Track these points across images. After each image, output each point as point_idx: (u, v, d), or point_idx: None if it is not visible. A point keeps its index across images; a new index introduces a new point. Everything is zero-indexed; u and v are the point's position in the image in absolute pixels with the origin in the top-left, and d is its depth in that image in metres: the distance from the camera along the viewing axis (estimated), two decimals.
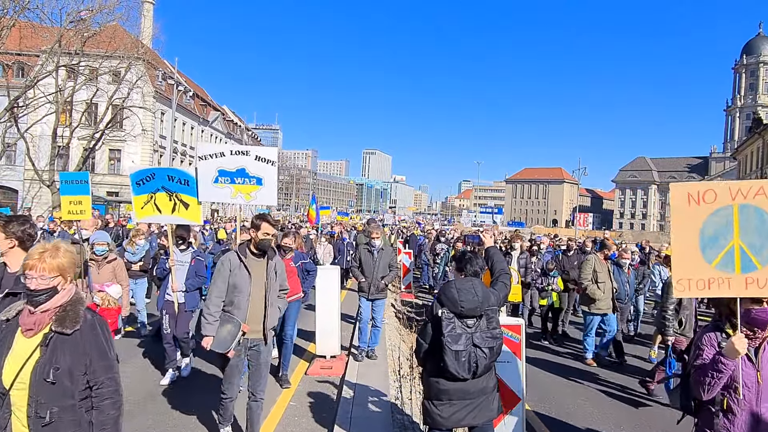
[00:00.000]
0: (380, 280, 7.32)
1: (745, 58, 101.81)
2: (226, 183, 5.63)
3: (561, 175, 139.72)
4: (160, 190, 5.76)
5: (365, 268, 7.35)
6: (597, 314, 7.94)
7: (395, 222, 50.35)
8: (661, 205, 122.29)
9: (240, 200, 5.68)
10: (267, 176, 5.65)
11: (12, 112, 25.54)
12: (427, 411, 3.42)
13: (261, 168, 5.61)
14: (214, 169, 5.65)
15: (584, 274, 8.11)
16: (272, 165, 5.68)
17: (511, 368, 4.19)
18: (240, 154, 5.64)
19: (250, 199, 5.68)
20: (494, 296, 3.44)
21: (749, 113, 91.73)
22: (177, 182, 5.71)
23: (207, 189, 5.62)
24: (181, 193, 5.74)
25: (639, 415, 6.08)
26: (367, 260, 7.36)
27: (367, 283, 7.30)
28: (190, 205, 5.71)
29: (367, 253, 7.42)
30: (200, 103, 53.73)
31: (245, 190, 5.68)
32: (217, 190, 5.65)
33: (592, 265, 8.12)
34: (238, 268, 4.32)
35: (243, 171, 5.65)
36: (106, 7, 25.70)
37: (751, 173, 56.75)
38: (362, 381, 6.22)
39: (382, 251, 7.45)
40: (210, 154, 5.69)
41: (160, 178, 5.77)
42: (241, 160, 5.63)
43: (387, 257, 7.45)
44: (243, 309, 4.27)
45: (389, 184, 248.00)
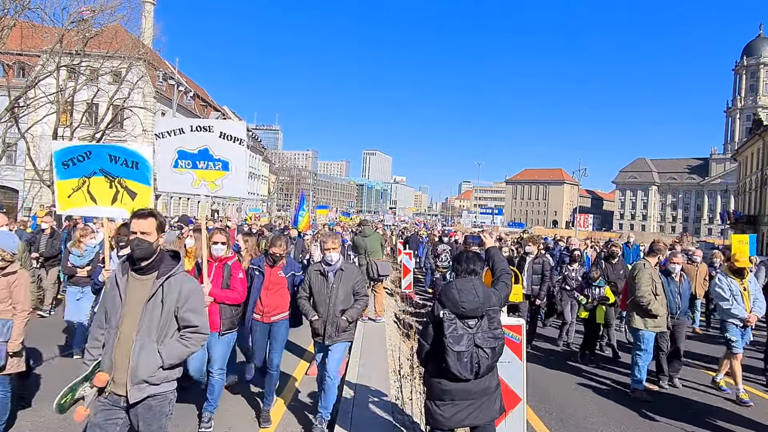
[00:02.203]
0: (339, 317, 4.86)
1: (745, 60, 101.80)
2: (188, 168, 4.61)
3: (561, 176, 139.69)
4: (96, 174, 4.54)
5: (317, 299, 4.94)
6: (654, 331, 6.56)
7: (395, 222, 50.43)
8: (661, 206, 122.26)
9: (203, 190, 4.69)
10: (234, 159, 4.62)
11: (13, 112, 25.55)
12: (429, 411, 3.42)
13: (227, 148, 4.58)
14: (173, 150, 4.59)
15: (644, 287, 6.49)
16: (241, 144, 4.63)
17: (511, 368, 4.19)
18: (202, 130, 4.60)
19: (215, 189, 4.69)
20: (495, 296, 3.44)
21: (749, 114, 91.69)
22: (122, 164, 4.48)
23: (165, 176, 4.61)
24: (126, 179, 4.51)
25: (640, 417, 6.07)
26: (320, 287, 4.94)
27: (321, 322, 4.87)
28: (137, 195, 4.53)
29: (319, 276, 4.96)
30: (201, 104, 53.76)
31: (209, 177, 4.65)
32: (176, 176, 4.63)
33: (649, 275, 6.58)
34: (111, 290, 3.05)
35: (206, 152, 4.60)
36: (107, 8, 25.71)
37: (751, 174, 56.72)
38: (363, 381, 6.21)
39: (342, 273, 4.96)
40: (168, 131, 4.63)
41: (98, 157, 4.52)
42: (203, 138, 4.58)
43: (349, 281, 4.97)
44: (108, 350, 2.95)
45: (389, 185, 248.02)
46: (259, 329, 5.30)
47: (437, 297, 3.52)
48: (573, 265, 9.19)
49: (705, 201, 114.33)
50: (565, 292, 9.12)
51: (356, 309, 5.01)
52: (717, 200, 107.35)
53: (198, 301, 3.07)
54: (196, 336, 3.02)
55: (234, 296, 4.93)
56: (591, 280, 8.21)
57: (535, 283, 8.65)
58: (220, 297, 4.80)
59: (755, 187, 54.27)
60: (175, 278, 2.98)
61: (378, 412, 5.31)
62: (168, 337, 2.96)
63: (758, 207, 52.30)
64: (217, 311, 4.82)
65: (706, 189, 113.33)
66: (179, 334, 3.01)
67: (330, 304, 4.87)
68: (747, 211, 56.64)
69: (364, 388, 5.96)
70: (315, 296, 4.94)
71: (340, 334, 4.91)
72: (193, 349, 3.01)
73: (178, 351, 2.95)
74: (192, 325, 3.00)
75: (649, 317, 6.50)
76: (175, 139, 4.58)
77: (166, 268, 3.00)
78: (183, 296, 2.96)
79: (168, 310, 2.93)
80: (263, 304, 5.23)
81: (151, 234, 2.95)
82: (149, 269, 2.98)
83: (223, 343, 4.95)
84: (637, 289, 6.53)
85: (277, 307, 5.30)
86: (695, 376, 7.59)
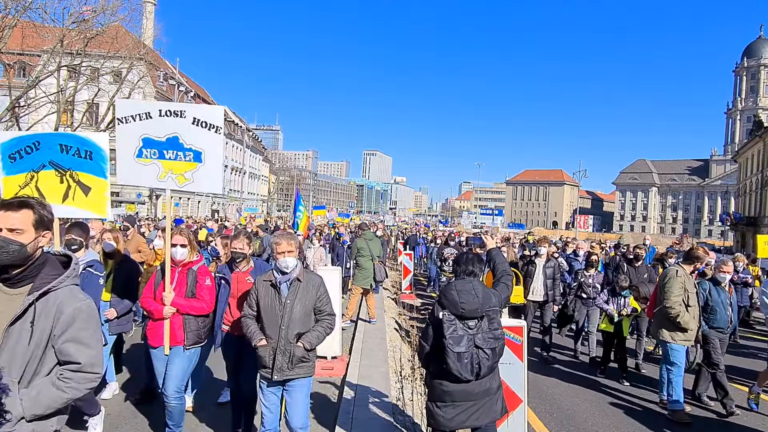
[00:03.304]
0: (293, 344, 3.70)
1: (745, 61, 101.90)
2: (153, 158, 4.07)
3: (561, 177, 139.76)
4: (46, 167, 4.03)
5: (266, 319, 3.78)
6: (685, 345, 5.96)
7: (395, 223, 50.45)
8: (661, 208, 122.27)
9: (170, 183, 4.17)
10: (209, 149, 4.10)
11: (13, 111, 25.56)
12: (431, 413, 3.43)
13: (201, 137, 4.06)
14: (137, 137, 4.06)
15: (674, 297, 5.84)
16: (217, 132, 4.11)
17: (512, 370, 4.19)
18: (172, 114, 4.06)
19: (183, 183, 4.14)
20: (495, 297, 3.45)
21: (750, 116, 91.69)
22: (74, 154, 4.02)
23: (127, 166, 4.08)
24: (78, 171, 4.05)
25: (640, 419, 6.07)
26: (270, 303, 3.78)
27: (269, 349, 3.71)
28: (92, 190, 4.08)
29: (270, 289, 3.81)
30: (201, 104, 53.80)
31: (178, 169, 4.10)
32: (139, 167, 4.09)
33: (682, 284, 5.90)
34: None
35: (175, 140, 4.06)
36: (108, 8, 25.72)
37: (751, 176, 56.72)
38: (363, 382, 6.21)
39: (299, 285, 3.80)
40: (133, 115, 4.09)
41: (47, 148, 4.03)
42: (173, 124, 4.04)
43: (310, 295, 3.81)
44: None
45: (390, 186, 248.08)
46: (227, 342, 4.52)
47: (437, 298, 3.53)
48: (589, 270, 8.52)
49: (705, 202, 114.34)
50: (581, 300, 8.44)
51: (318, 333, 3.79)
52: (717, 202, 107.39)
53: (86, 327, 2.15)
54: (78, 377, 2.11)
55: (199, 306, 4.28)
56: (619, 288, 7.37)
57: (549, 288, 8.19)
58: (183, 307, 4.23)
59: (755, 188, 54.26)
60: (55, 294, 2.13)
61: (379, 413, 5.31)
62: (39, 375, 2.10)
63: (758, 208, 52.28)
64: (181, 323, 4.23)
65: (706, 190, 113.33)
66: (56, 372, 2.12)
67: (282, 326, 3.70)
68: (747, 213, 56.62)
69: (364, 389, 5.96)
70: (263, 315, 3.78)
71: (294, 367, 3.70)
72: (71, 395, 2.11)
73: (49, 397, 2.06)
74: (73, 361, 2.11)
75: (679, 330, 5.90)
76: (140, 124, 4.01)
77: (44, 279, 2.15)
78: (63, 320, 2.10)
79: (39, 337, 2.08)
80: (232, 315, 4.49)
81: (26, 232, 2.14)
82: (21, 280, 2.16)
83: (186, 359, 4.24)
84: (666, 298, 5.88)
85: None
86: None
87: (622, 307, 7.28)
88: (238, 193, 62.50)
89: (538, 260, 8.24)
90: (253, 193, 73.59)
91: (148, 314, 4.37)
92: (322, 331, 3.85)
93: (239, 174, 65.53)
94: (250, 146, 69.42)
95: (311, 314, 3.86)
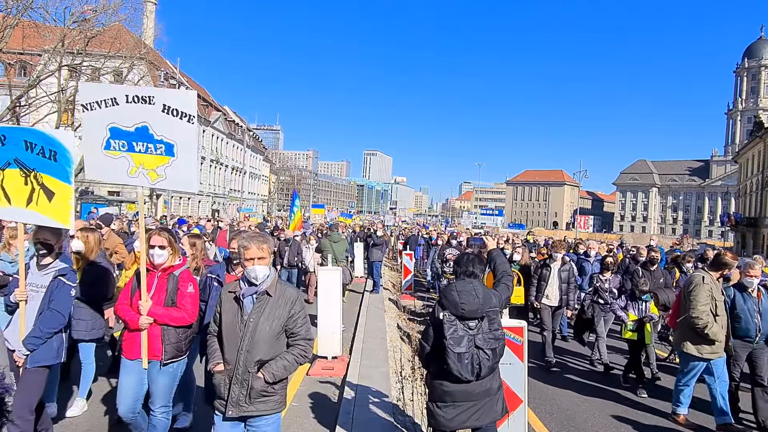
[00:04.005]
0: (253, 373, 3.04)
1: (746, 62, 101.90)
2: (122, 150, 3.66)
3: (562, 177, 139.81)
4: (11, 165, 3.64)
5: (226, 338, 3.15)
6: (710, 359, 5.45)
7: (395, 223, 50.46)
8: (661, 208, 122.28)
9: (141, 180, 3.72)
10: (182, 141, 3.63)
11: (14, 111, 25.60)
12: (431, 413, 3.44)
13: (172, 127, 3.60)
14: (104, 127, 3.64)
15: (700, 305, 5.34)
16: (191, 122, 3.62)
17: (513, 370, 4.20)
18: (140, 101, 3.62)
19: (156, 180, 3.70)
20: (495, 297, 3.46)
21: (750, 116, 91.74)
22: (39, 153, 3.57)
23: (95, 159, 3.68)
24: (42, 173, 3.59)
25: (640, 420, 6.07)
26: (231, 320, 3.14)
27: (225, 377, 3.09)
28: (55, 195, 3.60)
29: (233, 303, 3.16)
30: (202, 104, 53.84)
31: (149, 164, 3.66)
32: (108, 161, 3.67)
33: (708, 291, 5.41)
34: None
35: (145, 130, 3.63)
36: (110, 8, 25.75)
37: (752, 177, 56.72)
38: (364, 382, 6.22)
39: (268, 299, 3.13)
40: (98, 101, 3.67)
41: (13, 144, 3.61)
42: (141, 112, 3.60)
43: (280, 312, 3.13)
44: None
45: (390, 186, 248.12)
46: None
47: (437, 299, 3.54)
48: (605, 274, 8.09)
49: (705, 203, 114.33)
50: (597, 305, 7.99)
51: (285, 362, 3.07)
52: (717, 202, 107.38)
53: None
54: None
55: (180, 316, 3.86)
56: (639, 293, 6.93)
57: (564, 292, 7.92)
58: (161, 317, 3.80)
59: (756, 189, 54.26)
60: None
61: (379, 413, 5.32)
62: None
63: (759, 209, 52.29)
64: (159, 335, 3.81)
65: (706, 191, 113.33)
66: None
67: (241, 349, 3.04)
68: (747, 214, 56.63)
69: (365, 389, 5.97)
70: (223, 334, 3.14)
71: (254, 402, 3.04)
72: None
73: None
74: None
75: (706, 342, 5.38)
76: (106, 111, 3.59)
77: None
78: None
79: None
80: None
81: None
82: None
83: (167, 374, 3.86)
84: (693, 308, 5.35)
85: None
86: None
87: (643, 313, 6.87)
88: (238, 193, 62.53)
89: (553, 264, 8.00)
90: (254, 193, 73.62)
91: (123, 324, 3.99)
92: (291, 360, 3.10)
93: (240, 174, 65.58)
94: (250, 146, 69.46)
95: (281, 337, 3.15)
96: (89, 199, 29.85)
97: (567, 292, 7.93)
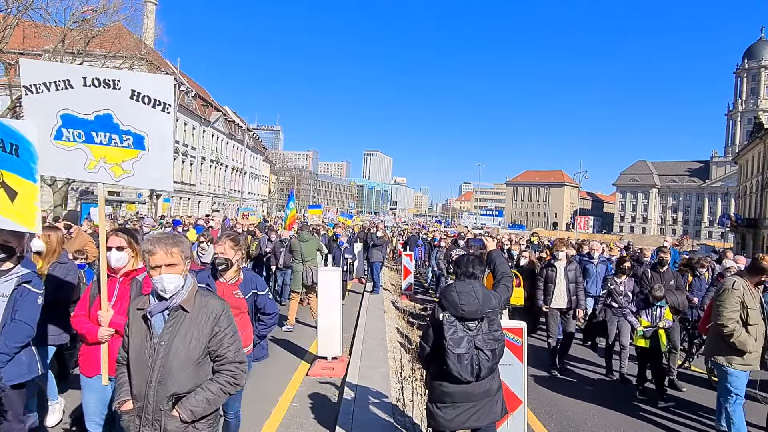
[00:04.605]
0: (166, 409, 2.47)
1: (746, 63, 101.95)
2: (78, 141, 3.19)
3: (562, 178, 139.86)
4: None
5: (134, 365, 2.57)
6: (744, 371, 5.00)
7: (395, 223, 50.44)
8: (661, 209, 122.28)
9: (103, 176, 3.28)
10: (154, 133, 3.21)
11: (14, 111, 25.61)
12: (431, 413, 3.45)
13: (143, 116, 3.16)
14: (53, 113, 3.16)
15: (727, 312, 4.94)
16: (166, 111, 3.19)
17: (512, 371, 4.20)
18: (102, 84, 3.12)
19: (121, 176, 3.27)
20: (495, 298, 3.47)
21: (750, 117, 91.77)
22: None
23: (43, 150, 3.19)
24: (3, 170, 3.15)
25: (640, 421, 6.08)
26: (140, 345, 2.57)
27: (134, 415, 2.53)
28: (18, 195, 3.18)
29: (142, 324, 2.59)
30: (202, 104, 53.84)
31: (113, 158, 3.21)
32: (60, 153, 3.21)
33: (739, 298, 4.99)
34: None
35: (108, 119, 3.16)
36: (110, 8, 25.78)
37: (752, 178, 56.74)
38: (364, 383, 6.23)
39: (183, 316, 2.57)
40: (46, 82, 3.14)
41: None
42: (104, 98, 3.13)
43: (200, 333, 2.55)
44: None
45: (390, 186, 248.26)
46: None
47: (437, 300, 3.55)
48: (620, 277, 7.72)
49: (705, 204, 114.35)
50: (611, 310, 7.70)
51: (208, 395, 2.51)
52: (717, 203, 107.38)
53: None
54: None
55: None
56: (654, 299, 6.59)
57: (572, 293, 7.59)
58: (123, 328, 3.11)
59: (756, 190, 54.28)
60: None
61: (379, 414, 5.32)
62: None
63: (759, 210, 52.30)
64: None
65: (706, 192, 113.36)
66: None
67: (151, 381, 2.48)
68: (747, 215, 56.65)
69: (364, 390, 5.97)
70: (131, 362, 2.59)
71: None
72: None
73: None
74: None
75: (735, 353, 4.94)
76: (56, 95, 3.09)
77: None
78: None
79: None
80: None
81: None
82: None
83: None
84: (719, 314, 5.01)
85: None
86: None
87: (657, 319, 6.52)
88: (238, 193, 62.53)
89: (558, 264, 7.62)
90: (254, 193, 73.63)
91: (81, 337, 3.54)
92: (216, 391, 2.52)
93: (240, 174, 65.59)
94: (250, 146, 69.47)
95: (203, 363, 2.56)
96: (89, 199, 29.85)
97: (576, 292, 7.62)
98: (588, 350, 9.14)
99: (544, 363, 7.93)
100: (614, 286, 7.75)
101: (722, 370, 5.05)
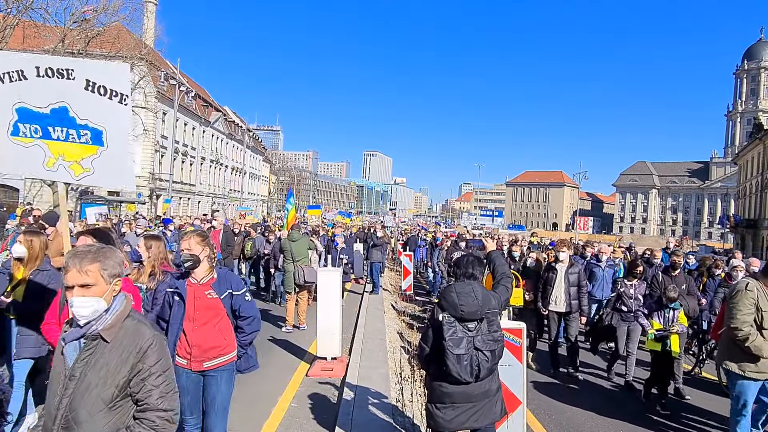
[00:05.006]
0: None
1: (746, 63, 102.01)
2: (35, 137, 3.02)
3: (561, 178, 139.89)
4: None
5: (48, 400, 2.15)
6: (758, 379, 4.65)
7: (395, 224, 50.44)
8: (661, 210, 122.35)
9: (62, 174, 3.10)
10: (113, 127, 3.03)
11: None
12: (430, 414, 3.45)
13: (99, 108, 2.98)
14: (9, 107, 2.99)
15: (740, 315, 4.67)
16: (123, 102, 3.02)
17: (512, 371, 4.20)
18: (56, 74, 2.94)
19: (81, 174, 3.10)
20: (495, 299, 3.47)
21: (750, 118, 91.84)
22: None
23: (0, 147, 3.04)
24: None
25: (640, 422, 6.08)
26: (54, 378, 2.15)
27: None
28: None
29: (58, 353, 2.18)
30: (202, 104, 53.86)
31: (71, 155, 3.04)
32: (18, 150, 3.05)
33: (753, 300, 4.74)
34: None
35: (64, 113, 2.99)
36: (110, 8, 25.79)
37: (751, 178, 56.78)
38: (363, 383, 6.23)
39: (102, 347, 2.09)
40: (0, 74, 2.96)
41: None
42: (59, 90, 2.96)
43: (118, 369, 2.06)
44: None
45: (390, 186, 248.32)
46: (185, 380, 3.45)
47: (437, 300, 3.55)
48: (631, 280, 7.42)
49: (705, 204, 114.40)
50: (620, 314, 7.39)
51: None
52: (717, 204, 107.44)
53: None
54: None
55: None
56: (668, 300, 6.39)
57: (573, 297, 7.34)
58: None
59: (756, 191, 54.31)
60: None
61: (378, 414, 5.33)
62: None
63: (758, 211, 52.34)
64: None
65: (706, 192, 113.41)
66: None
67: (54, 425, 2.07)
68: (747, 215, 56.69)
69: (364, 390, 5.97)
70: (48, 393, 2.20)
71: None
72: None
73: None
74: None
75: (748, 359, 4.62)
76: (11, 87, 2.92)
77: None
78: None
79: None
80: (190, 343, 3.45)
81: None
82: None
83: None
84: (732, 317, 4.70)
85: (213, 347, 3.47)
86: None
87: (671, 322, 6.29)
88: (238, 194, 62.53)
89: (559, 266, 7.39)
90: (254, 193, 73.63)
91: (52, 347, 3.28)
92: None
93: (239, 174, 65.59)
94: (250, 146, 69.47)
95: (120, 407, 2.10)
96: (89, 199, 29.78)
97: (578, 296, 7.31)
98: (587, 352, 9.13)
99: (545, 363, 7.93)
100: (624, 289, 7.44)
101: (738, 381, 4.68)
